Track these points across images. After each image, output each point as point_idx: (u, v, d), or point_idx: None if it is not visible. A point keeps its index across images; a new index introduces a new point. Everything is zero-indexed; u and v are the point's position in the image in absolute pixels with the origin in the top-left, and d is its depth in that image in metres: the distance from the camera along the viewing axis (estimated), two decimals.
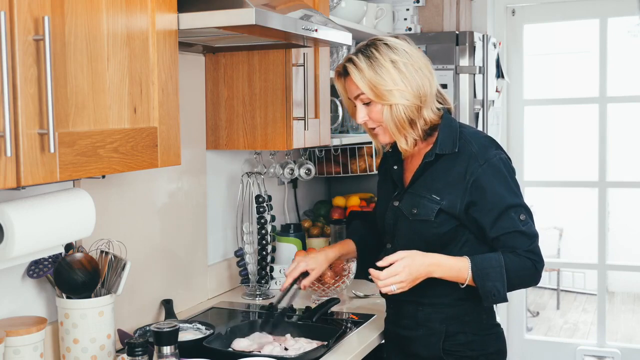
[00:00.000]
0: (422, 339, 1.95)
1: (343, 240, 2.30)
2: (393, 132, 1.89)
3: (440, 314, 1.93)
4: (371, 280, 2.13)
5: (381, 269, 1.84)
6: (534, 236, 1.87)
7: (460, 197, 1.86)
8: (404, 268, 1.82)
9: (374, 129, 1.94)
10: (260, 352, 1.89)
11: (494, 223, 1.84)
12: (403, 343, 2.01)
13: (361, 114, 1.92)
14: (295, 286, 2.15)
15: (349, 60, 1.91)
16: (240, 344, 1.94)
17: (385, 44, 1.89)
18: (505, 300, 1.84)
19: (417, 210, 1.90)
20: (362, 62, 1.87)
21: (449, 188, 1.87)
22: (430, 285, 1.89)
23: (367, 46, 1.90)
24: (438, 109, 1.94)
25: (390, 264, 1.83)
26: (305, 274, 2.15)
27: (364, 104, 1.91)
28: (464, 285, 1.85)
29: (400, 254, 1.84)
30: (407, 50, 1.89)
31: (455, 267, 1.84)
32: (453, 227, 1.88)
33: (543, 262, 1.88)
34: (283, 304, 2.11)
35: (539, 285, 1.98)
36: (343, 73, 1.94)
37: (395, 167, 2.01)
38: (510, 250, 1.85)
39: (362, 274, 2.24)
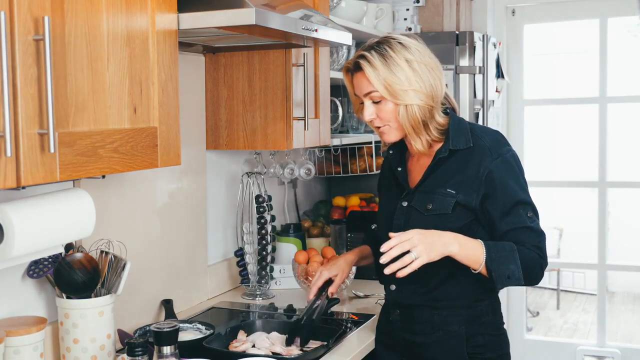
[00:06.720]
0: (440, 343, 1.90)
1: (361, 246, 2.24)
2: (409, 133, 1.86)
3: (458, 316, 1.89)
4: (381, 282, 2.10)
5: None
6: (542, 233, 1.86)
7: (475, 191, 1.84)
8: (415, 234, 1.74)
9: (379, 127, 1.90)
10: (259, 352, 1.89)
11: (504, 217, 1.83)
12: (415, 350, 1.95)
13: (369, 112, 1.87)
14: (319, 301, 2.06)
15: (361, 57, 1.84)
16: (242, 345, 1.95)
17: (399, 42, 1.84)
18: (522, 282, 1.80)
19: (432, 206, 1.86)
20: (376, 59, 1.81)
21: (465, 182, 1.85)
22: (445, 288, 1.88)
23: (380, 43, 1.84)
24: (444, 110, 1.92)
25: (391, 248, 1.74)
26: (329, 282, 2.10)
27: (373, 102, 1.86)
28: (477, 271, 1.79)
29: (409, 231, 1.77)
30: (420, 49, 1.85)
31: (473, 248, 1.78)
32: (468, 222, 1.85)
33: (547, 261, 1.85)
34: (314, 316, 2.00)
35: (539, 285, 1.96)
36: (353, 69, 1.88)
37: (400, 169, 1.98)
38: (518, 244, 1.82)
39: (379, 277, 2.19)
